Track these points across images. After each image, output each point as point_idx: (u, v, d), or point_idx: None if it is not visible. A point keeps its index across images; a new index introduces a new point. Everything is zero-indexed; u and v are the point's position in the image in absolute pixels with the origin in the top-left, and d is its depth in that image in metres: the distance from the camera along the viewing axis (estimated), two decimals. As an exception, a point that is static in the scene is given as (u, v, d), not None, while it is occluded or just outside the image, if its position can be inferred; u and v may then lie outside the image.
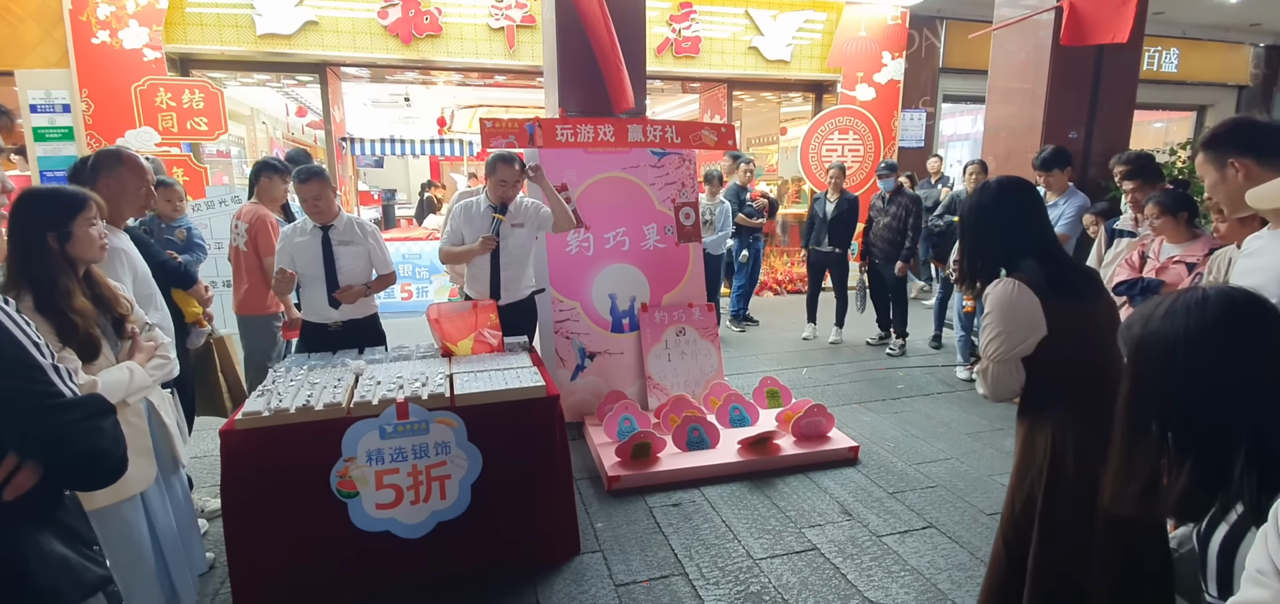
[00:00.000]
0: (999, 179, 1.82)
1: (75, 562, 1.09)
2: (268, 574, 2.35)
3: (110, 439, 1.09)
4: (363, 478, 2.37)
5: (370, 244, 3.22)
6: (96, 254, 1.78)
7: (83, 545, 1.13)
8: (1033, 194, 1.81)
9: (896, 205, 5.66)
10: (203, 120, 6.47)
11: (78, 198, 1.74)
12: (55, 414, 1.02)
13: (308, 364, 2.88)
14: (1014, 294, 1.65)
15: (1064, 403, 1.67)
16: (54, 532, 1.08)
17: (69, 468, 1.07)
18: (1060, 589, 1.69)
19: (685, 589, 2.54)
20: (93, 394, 1.10)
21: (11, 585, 1.00)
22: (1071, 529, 1.66)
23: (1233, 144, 1.71)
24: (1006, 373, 1.70)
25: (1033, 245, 1.73)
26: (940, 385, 4.98)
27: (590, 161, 4.28)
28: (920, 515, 3.07)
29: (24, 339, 0.99)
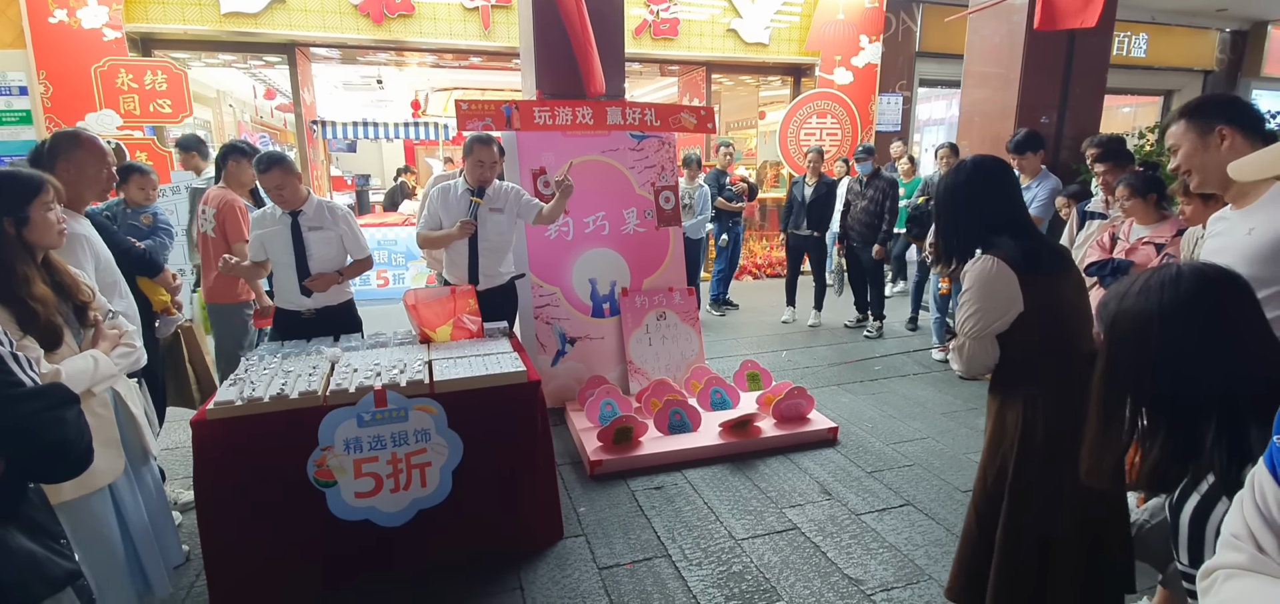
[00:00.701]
0: (974, 158, 1.84)
1: (42, 556, 1.05)
2: (244, 566, 2.30)
3: (74, 430, 1.05)
4: (341, 467, 2.33)
5: (342, 228, 3.15)
6: (55, 240, 1.72)
7: (49, 539, 1.09)
8: (1007, 172, 1.84)
9: (873, 189, 5.70)
10: (166, 102, 6.25)
11: (34, 181, 1.67)
12: (15, 405, 0.98)
13: (281, 352, 2.82)
14: (992, 271, 1.68)
15: (1035, 377, 1.72)
16: (18, 526, 1.04)
17: (31, 460, 1.03)
18: (1028, 555, 1.75)
19: (668, 570, 2.55)
20: (55, 383, 1.06)
21: None
22: (1040, 497, 1.72)
23: (1221, 113, 1.70)
24: (982, 349, 1.74)
25: (1008, 223, 1.76)
26: (916, 366, 5.06)
27: (569, 144, 4.24)
28: (898, 493, 3.12)
29: None
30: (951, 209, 1.83)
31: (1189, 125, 1.75)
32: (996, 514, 1.80)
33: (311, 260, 3.06)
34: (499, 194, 3.49)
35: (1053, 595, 1.74)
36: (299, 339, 3.04)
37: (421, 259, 7.30)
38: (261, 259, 3.09)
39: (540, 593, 2.42)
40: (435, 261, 4.17)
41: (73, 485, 1.64)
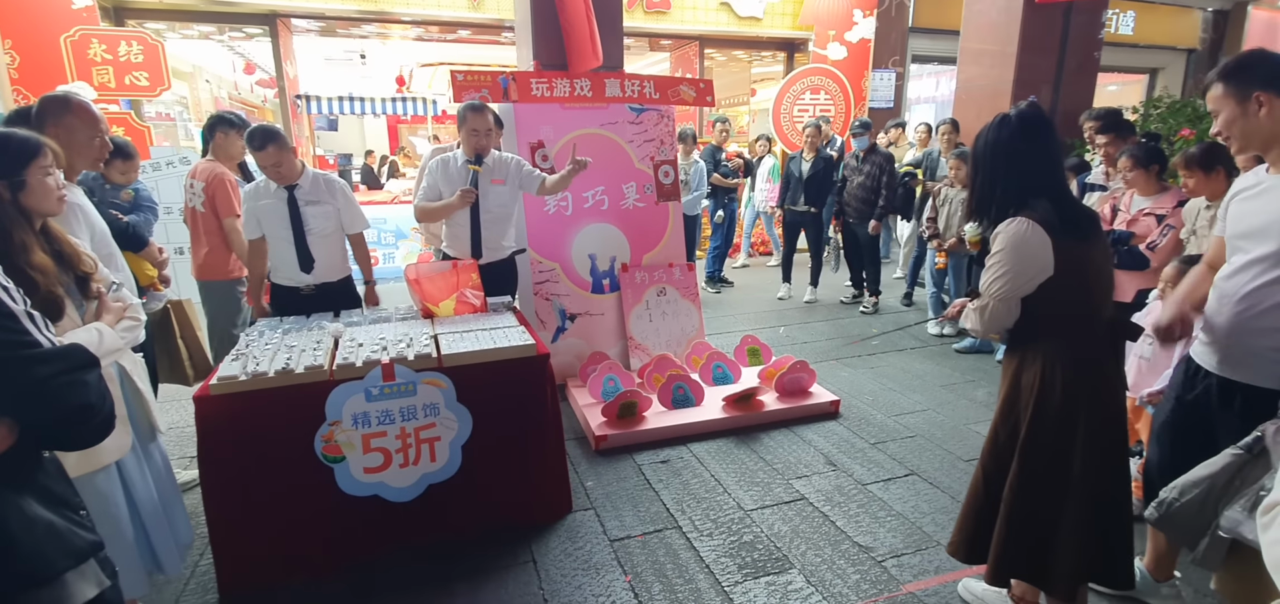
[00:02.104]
0: (1018, 110, 1.77)
1: (62, 527, 1.01)
2: (251, 543, 2.26)
3: (96, 393, 1.00)
4: (349, 442, 2.28)
5: (340, 202, 3.08)
6: (54, 206, 1.64)
7: (69, 511, 1.04)
8: (1050, 128, 1.76)
9: (870, 164, 5.69)
10: (143, 75, 6.03)
11: (31, 143, 1.58)
12: (32, 366, 0.92)
13: (282, 327, 2.75)
14: (1027, 234, 1.66)
15: (1057, 340, 1.72)
16: (36, 496, 1.00)
17: (50, 425, 0.98)
18: (1033, 515, 1.77)
19: (679, 541, 2.55)
20: (73, 344, 1.00)
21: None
22: (1050, 457, 1.74)
23: (1259, 78, 1.65)
24: (1005, 310, 1.74)
25: (1047, 183, 1.71)
26: (913, 341, 5.10)
27: (567, 117, 4.17)
28: (901, 463, 3.15)
29: None
30: (991, 165, 1.76)
31: (1227, 90, 1.69)
32: (1005, 474, 1.82)
33: (310, 235, 2.99)
34: (500, 164, 3.41)
35: (1057, 556, 1.76)
36: (297, 315, 2.97)
37: (412, 237, 7.20)
38: (257, 235, 3.00)
39: (553, 565, 2.41)
40: (433, 237, 4.09)
41: (78, 461, 1.58)
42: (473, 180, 3.30)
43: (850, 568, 2.39)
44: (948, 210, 4.91)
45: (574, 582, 2.33)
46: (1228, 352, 1.77)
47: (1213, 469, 1.49)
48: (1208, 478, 1.48)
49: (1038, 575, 1.81)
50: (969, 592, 2.18)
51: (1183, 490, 1.54)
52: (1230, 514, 1.40)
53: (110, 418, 1.06)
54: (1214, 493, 1.47)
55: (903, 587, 2.28)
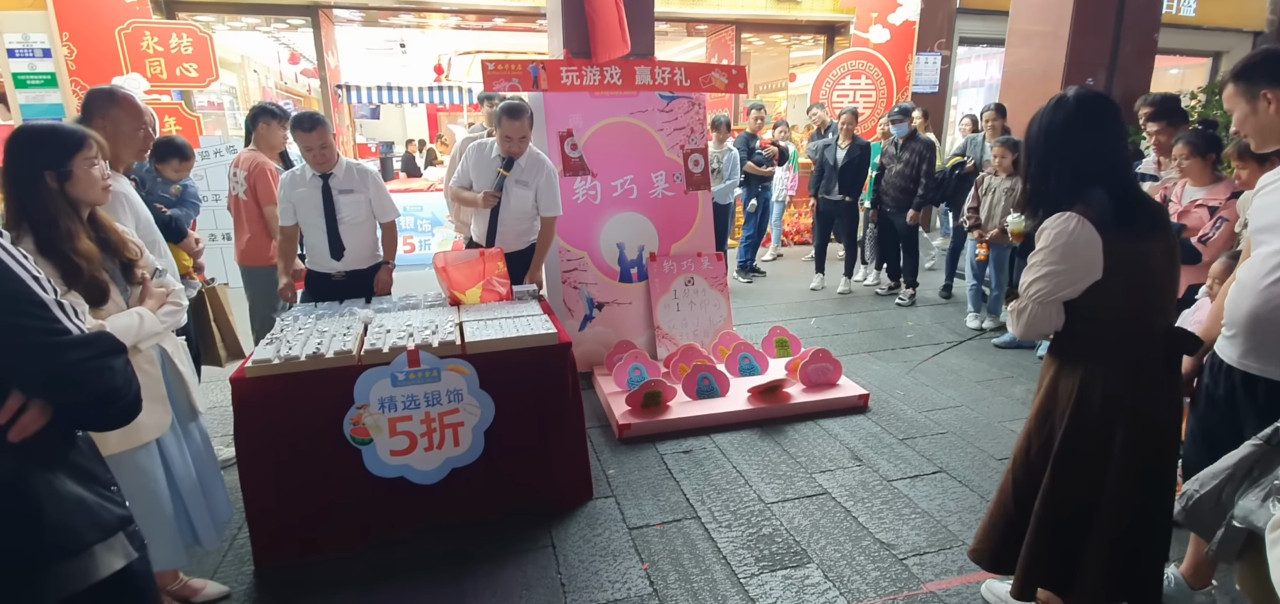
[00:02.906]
0: (1077, 92, 1.63)
1: (92, 502, 1.06)
2: (284, 519, 2.36)
3: (122, 378, 1.05)
4: (376, 425, 2.36)
5: (372, 192, 3.15)
6: (99, 196, 1.72)
7: (99, 486, 1.10)
8: (1113, 114, 1.61)
9: (909, 151, 5.53)
10: (193, 66, 6.28)
11: (77, 135, 1.67)
12: (61, 352, 0.98)
13: (315, 313, 2.85)
14: (1074, 231, 1.52)
15: (1101, 348, 1.61)
16: (68, 473, 1.06)
17: (79, 408, 1.04)
18: (1063, 529, 1.70)
19: (698, 532, 2.55)
20: (101, 331, 1.05)
21: (25, 527, 0.97)
22: (1084, 473, 1.65)
23: (1265, 75, 1.67)
24: (1045, 315, 1.61)
25: (1106, 172, 1.57)
26: (950, 335, 4.96)
27: (597, 106, 4.17)
28: (930, 460, 3.08)
29: (23, 273, 0.94)
30: (1044, 151, 1.62)
31: (1237, 89, 1.71)
32: (1036, 484, 1.73)
33: (342, 223, 3.07)
34: (531, 168, 3.44)
35: (1084, 571, 1.69)
36: (330, 300, 3.07)
37: (447, 224, 7.34)
38: (290, 222, 3.10)
39: (571, 550, 2.45)
40: (463, 226, 4.17)
41: (120, 439, 1.67)
42: (498, 184, 3.35)
43: (870, 564, 2.35)
44: (990, 200, 4.75)
45: (592, 567, 2.36)
46: (1248, 344, 1.71)
47: (1232, 460, 1.43)
48: (1227, 469, 1.42)
49: (1063, 588, 1.75)
50: (992, 593, 2.13)
51: (1203, 482, 1.48)
52: (1244, 504, 1.33)
53: (136, 401, 1.11)
54: (1232, 483, 1.41)
55: (923, 586, 2.24)
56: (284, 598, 2.23)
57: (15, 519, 0.98)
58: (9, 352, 0.95)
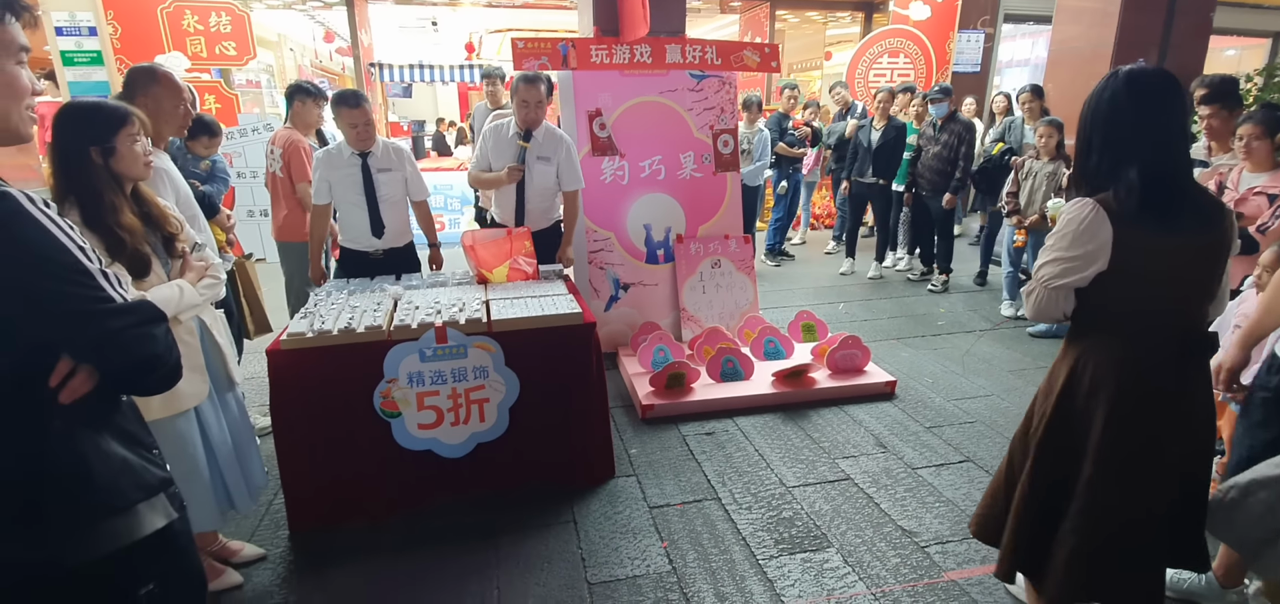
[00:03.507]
0: (1129, 69, 1.52)
1: (136, 463, 1.12)
2: (317, 487, 2.44)
3: (163, 346, 1.10)
4: (404, 399, 2.42)
5: (408, 171, 3.20)
6: (141, 171, 1.78)
7: (143, 449, 1.16)
8: (1166, 93, 1.49)
9: (948, 133, 5.38)
10: (231, 44, 6.42)
11: (120, 112, 1.73)
12: (106, 319, 1.02)
13: (347, 289, 2.92)
14: (1084, 216, 1.47)
15: (1103, 338, 1.56)
16: (113, 435, 1.11)
17: (123, 373, 1.08)
18: (1038, 515, 1.66)
19: (718, 512, 2.57)
20: (143, 300, 1.10)
21: (74, 484, 1.03)
22: (1062, 459, 1.62)
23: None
24: (1051, 299, 1.57)
25: (1147, 157, 1.47)
26: (983, 322, 4.85)
27: (626, 85, 4.14)
28: (957, 449, 3.03)
29: (69, 243, 0.99)
30: (1089, 128, 1.55)
31: None
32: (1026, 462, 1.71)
33: (381, 202, 3.12)
34: (550, 142, 3.44)
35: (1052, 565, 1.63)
36: (365, 277, 3.13)
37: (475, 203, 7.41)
38: (325, 201, 3.15)
39: (592, 527, 2.49)
40: (486, 199, 4.20)
41: (160, 405, 1.75)
42: (520, 157, 3.36)
43: (891, 551, 2.34)
44: (1031, 184, 4.60)
45: (612, 544, 2.39)
46: None
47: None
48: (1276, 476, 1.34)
49: (1037, 578, 1.70)
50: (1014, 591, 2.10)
51: (1248, 489, 1.39)
52: None
53: (177, 368, 1.16)
54: None
55: (944, 574, 2.22)
56: (316, 562, 2.32)
57: (65, 476, 1.04)
58: (57, 318, 0.99)
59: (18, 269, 0.93)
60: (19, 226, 0.93)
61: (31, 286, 0.95)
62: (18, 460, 0.99)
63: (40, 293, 0.95)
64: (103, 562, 1.05)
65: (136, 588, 1.09)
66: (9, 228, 0.92)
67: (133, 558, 1.08)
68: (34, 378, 1.00)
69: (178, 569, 1.18)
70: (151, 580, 1.11)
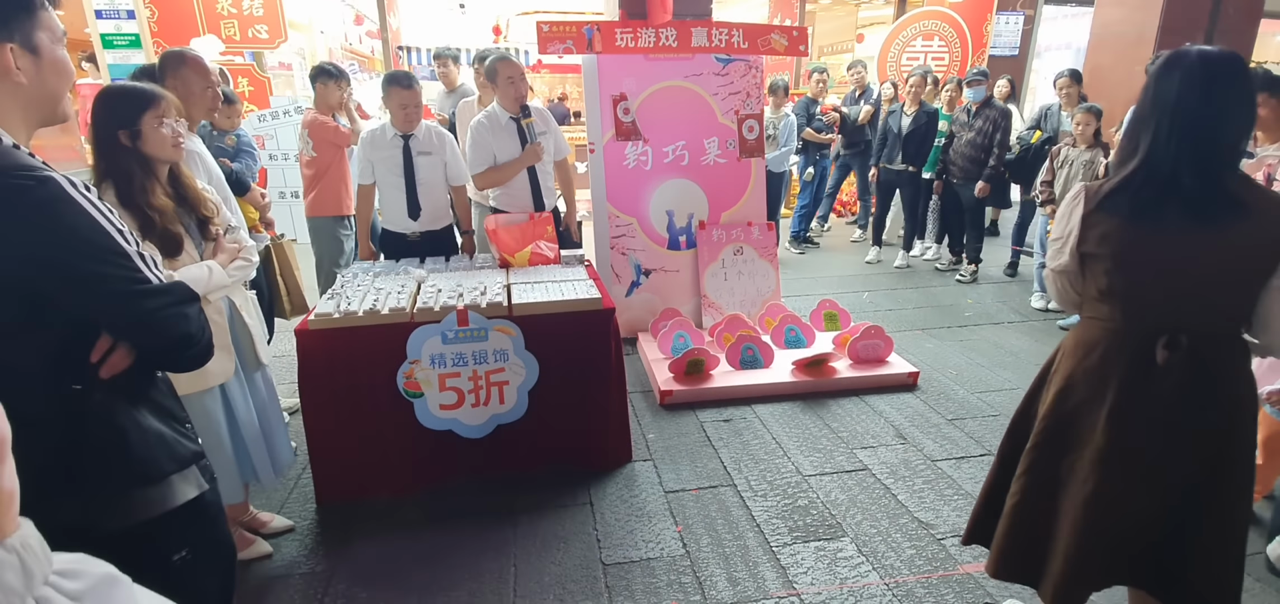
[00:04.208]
0: (1180, 51, 1.41)
1: (170, 436, 1.18)
2: (343, 462, 2.52)
3: (196, 325, 1.15)
4: (427, 380, 2.48)
5: (448, 155, 3.24)
6: (169, 152, 1.82)
7: (176, 423, 1.22)
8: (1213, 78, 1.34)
9: (982, 119, 5.24)
10: (263, 27, 6.52)
11: (146, 95, 1.76)
12: (143, 299, 1.07)
13: (373, 270, 2.98)
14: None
15: (1081, 334, 1.53)
16: (149, 409, 1.17)
17: (158, 350, 1.14)
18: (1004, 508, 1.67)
19: (733, 499, 2.58)
20: (177, 282, 1.15)
21: (114, 455, 1.09)
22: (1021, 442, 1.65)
23: None
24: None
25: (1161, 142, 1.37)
26: (1013, 314, 4.75)
27: (651, 69, 4.12)
28: (979, 442, 2.99)
29: (109, 226, 1.04)
30: (1137, 108, 1.46)
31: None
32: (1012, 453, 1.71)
33: (420, 184, 3.17)
34: (540, 117, 3.50)
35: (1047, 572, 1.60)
36: (405, 258, 3.19)
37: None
38: (369, 181, 3.20)
39: (608, 509, 2.52)
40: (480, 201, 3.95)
41: (187, 382, 1.81)
42: (531, 133, 3.37)
43: (906, 542, 2.33)
44: (1067, 172, 4.47)
45: (627, 526, 2.43)
46: None
47: None
48: None
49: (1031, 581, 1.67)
50: None
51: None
52: None
53: (209, 347, 1.22)
54: None
55: (959, 567, 2.21)
56: (341, 534, 2.40)
57: (105, 447, 1.10)
58: (96, 297, 1.05)
59: (60, 250, 0.98)
60: (61, 209, 0.98)
61: (73, 267, 0.99)
62: (60, 431, 1.05)
63: (81, 273, 1.00)
64: (138, 528, 1.11)
65: (170, 555, 1.15)
66: (52, 210, 0.97)
67: (167, 526, 1.14)
68: (75, 354, 1.05)
69: (208, 538, 1.24)
70: (184, 547, 1.17)
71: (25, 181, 0.95)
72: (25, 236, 0.95)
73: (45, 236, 0.96)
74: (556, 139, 3.58)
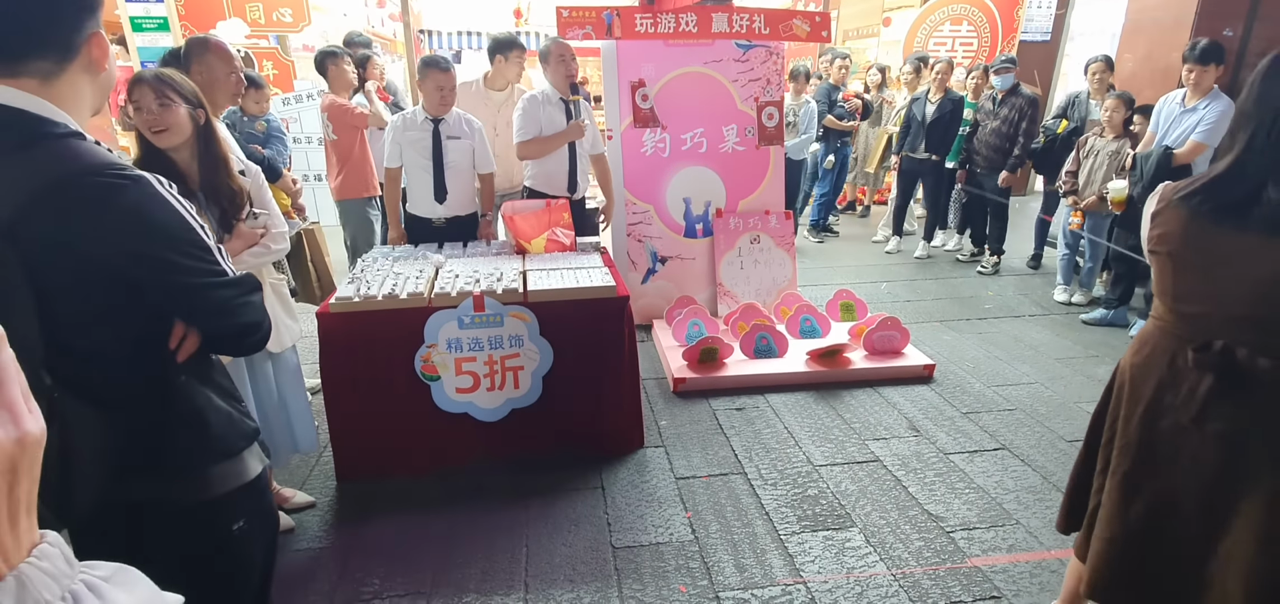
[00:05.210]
0: None
1: (235, 415, 1.25)
2: (363, 442, 2.60)
3: (261, 313, 1.22)
4: (443, 364, 2.53)
5: (476, 141, 3.27)
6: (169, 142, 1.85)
7: (236, 401, 1.28)
8: None
9: (1008, 108, 5.14)
10: (287, 11, 6.59)
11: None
12: (220, 290, 1.13)
13: (393, 255, 3.04)
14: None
15: (1145, 333, 1.53)
16: (214, 390, 1.23)
17: (228, 336, 1.20)
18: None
19: (743, 487, 2.61)
20: (247, 273, 1.20)
21: (197, 432, 1.17)
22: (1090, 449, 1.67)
23: None
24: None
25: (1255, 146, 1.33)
26: (1034, 307, 4.68)
27: (670, 55, 4.11)
28: (993, 436, 2.98)
29: (192, 222, 1.10)
30: (1239, 103, 1.41)
31: None
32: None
33: (448, 169, 3.20)
34: (581, 109, 3.52)
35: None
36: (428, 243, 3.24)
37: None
38: (397, 164, 3.24)
39: (619, 493, 2.57)
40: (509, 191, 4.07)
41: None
42: (577, 111, 3.41)
43: (915, 534, 2.34)
44: (1092, 163, 4.38)
45: (637, 511, 2.47)
46: None
47: None
48: None
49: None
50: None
51: None
52: None
53: (268, 333, 1.27)
54: None
55: (968, 560, 2.22)
56: (360, 510, 2.48)
57: (189, 424, 1.16)
58: (181, 288, 1.10)
59: (152, 244, 1.03)
60: (153, 207, 1.03)
61: (163, 259, 1.05)
62: (150, 411, 1.12)
63: (170, 266, 1.06)
64: (208, 500, 1.18)
65: (230, 524, 1.22)
66: (144, 208, 1.02)
67: (230, 498, 1.21)
68: (155, 338, 1.12)
69: (260, 510, 1.31)
70: (241, 518, 1.23)
71: (121, 180, 1.00)
72: (122, 231, 1.00)
73: (140, 231, 1.02)
74: (592, 132, 3.62)
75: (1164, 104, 4.14)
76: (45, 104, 0.98)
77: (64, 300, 0.99)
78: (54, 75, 0.99)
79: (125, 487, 1.09)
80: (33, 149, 0.96)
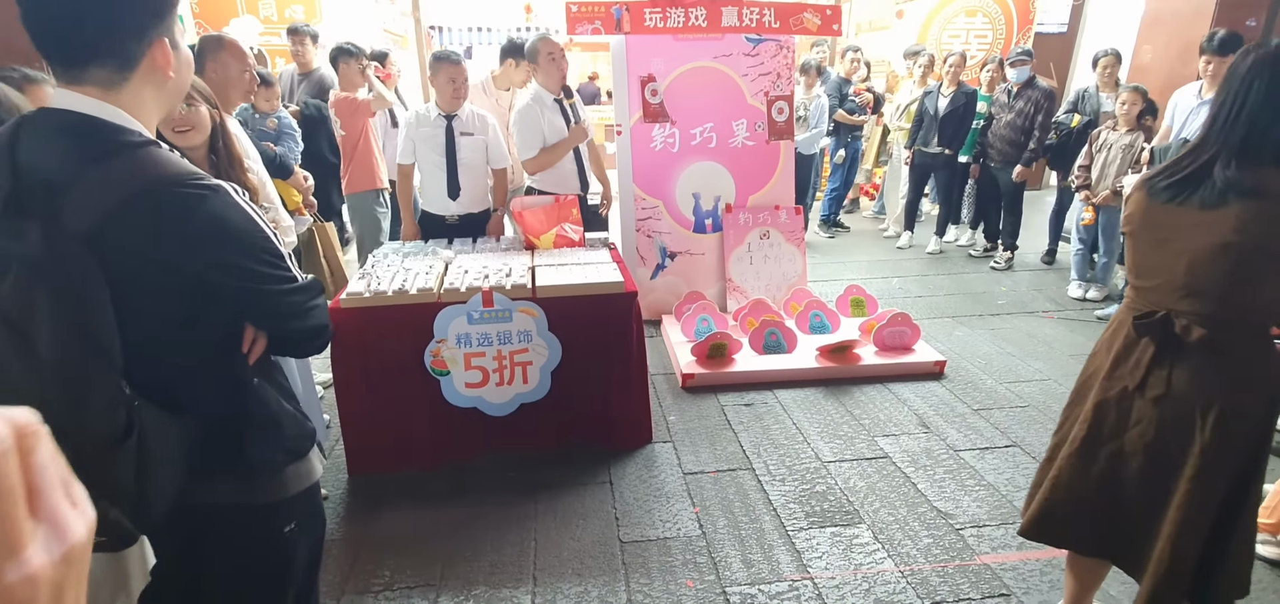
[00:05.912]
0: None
1: (299, 417, 1.27)
2: (373, 436, 2.63)
3: (325, 316, 1.24)
4: (453, 358, 2.55)
5: (490, 137, 3.27)
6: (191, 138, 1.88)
7: (295, 404, 1.29)
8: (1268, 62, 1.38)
9: (1023, 100, 5.07)
10: (300, 7, 6.64)
11: None
12: (293, 295, 1.15)
13: (403, 251, 3.07)
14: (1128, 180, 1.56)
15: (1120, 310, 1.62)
16: (278, 392, 1.25)
17: (298, 339, 1.22)
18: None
19: (751, 482, 2.61)
20: (313, 278, 1.22)
21: (273, 432, 1.19)
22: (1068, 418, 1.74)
23: None
24: None
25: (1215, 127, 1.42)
26: (1048, 303, 4.63)
27: (679, 50, 4.10)
28: (1004, 433, 2.95)
29: (267, 230, 1.11)
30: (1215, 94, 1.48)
31: None
32: None
33: (460, 165, 3.22)
34: (578, 109, 3.53)
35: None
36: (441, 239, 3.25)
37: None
38: (409, 161, 3.26)
39: (627, 488, 2.58)
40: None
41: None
42: (574, 114, 3.40)
43: (923, 531, 2.33)
44: (1105, 157, 4.32)
45: (645, 505, 2.48)
46: None
47: None
48: None
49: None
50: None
51: None
52: None
53: (331, 335, 1.29)
54: None
55: (977, 557, 2.20)
56: (371, 503, 2.51)
57: (265, 425, 1.18)
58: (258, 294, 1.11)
59: (231, 253, 1.05)
60: (232, 216, 1.05)
61: (242, 268, 1.07)
62: (226, 414, 1.13)
63: (248, 273, 1.08)
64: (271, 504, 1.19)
65: (283, 526, 1.24)
66: (224, 217, 1.04)
67: (290, 500, 1.22)
68: (233, 343, 1.14)
69: (311, 510, 1.32)
70: (293, 520, 1.25)
71: (202, 191, 1.01)
72: (204, 240, 1.01)
73: (221, 240, 1.03)
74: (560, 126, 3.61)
75: (1178, 97, 4.07)
76: (119, 112, 0.98)
77: (145, 308, 1.00)
78: (116, 83, 0.98)
79: (205, 490, 1.11)
80: (113, 159, 0.96)
